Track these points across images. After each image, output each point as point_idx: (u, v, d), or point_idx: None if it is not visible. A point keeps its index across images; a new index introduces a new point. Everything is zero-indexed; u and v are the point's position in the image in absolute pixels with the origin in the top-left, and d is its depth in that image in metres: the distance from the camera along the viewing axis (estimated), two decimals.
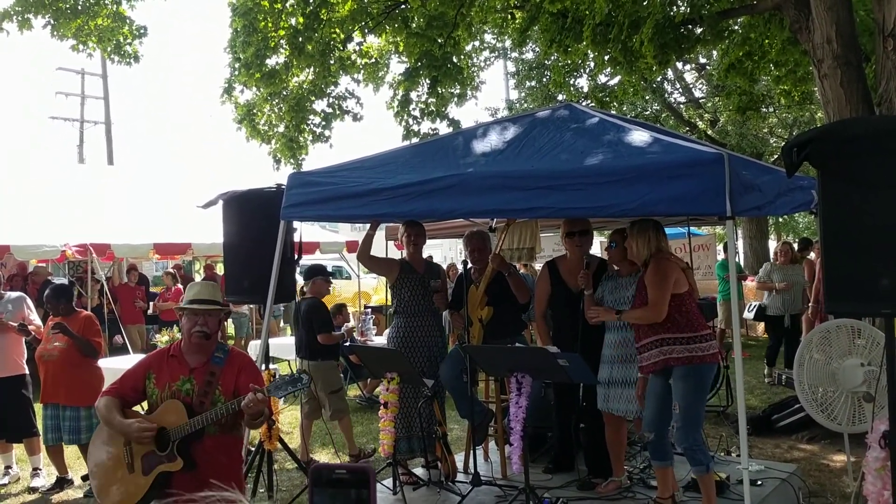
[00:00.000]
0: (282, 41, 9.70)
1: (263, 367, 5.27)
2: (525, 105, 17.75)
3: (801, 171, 3.75)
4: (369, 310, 11.47)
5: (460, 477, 5.35)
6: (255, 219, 5.26)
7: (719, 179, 3.60)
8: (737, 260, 17.33)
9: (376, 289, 19.54)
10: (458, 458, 5.67)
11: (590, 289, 4.83)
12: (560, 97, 13.94)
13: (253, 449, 5.62)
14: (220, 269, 14.26)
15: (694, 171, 3.70)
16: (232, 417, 3.49)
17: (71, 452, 6.46)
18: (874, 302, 3.17)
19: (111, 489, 3.55)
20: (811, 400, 5.14)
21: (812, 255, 10.86)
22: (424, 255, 6.05)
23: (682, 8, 9.21)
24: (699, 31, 8.96)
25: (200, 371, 3.56)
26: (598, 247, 13.92)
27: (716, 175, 3.62)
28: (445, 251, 30.20)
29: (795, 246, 11.00)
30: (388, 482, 5.19)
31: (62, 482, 6.17)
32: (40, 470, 6.32)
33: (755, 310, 10.16)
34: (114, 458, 3.56)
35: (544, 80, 16.09)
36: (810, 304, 9.64)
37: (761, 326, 13.49)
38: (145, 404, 3.76)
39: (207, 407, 3.46)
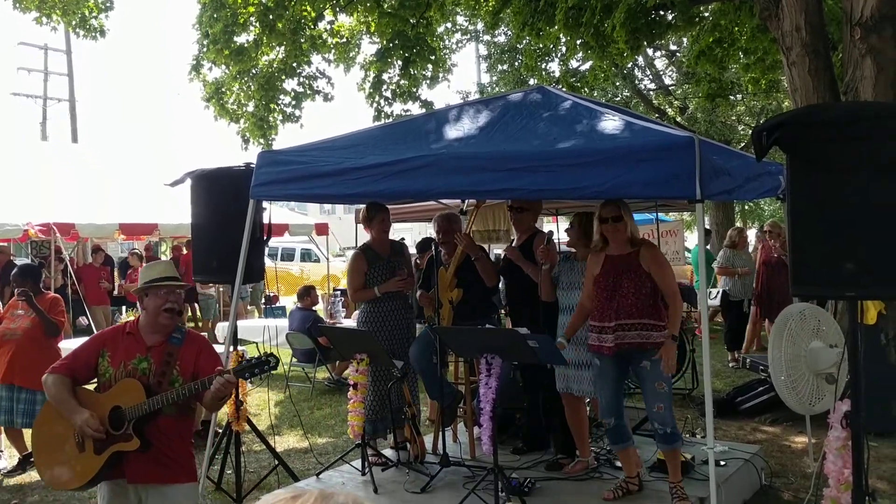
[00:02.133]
0: (252, 18, 9.55)
1: (232, 348, 5.21)
2: (497, 89, 17.68)
3: (770, 157, 3.79)
4: (339, 292, 11.42)
5: (429, 458, 5.36)
6: (223, 198, 5.17)
7: (690, 163, 3.63)
8: (707, 246, 17.55)
9: (345, 272, 19.47)
10: (428, 440, 5.69)
11: (547, 263, 4.88)
12: (532, 81, 13.93)
13: (220, 430, 5.58)
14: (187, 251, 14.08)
15: (665, 155, 3.72)
16: (191, 399, 3.43)
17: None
18: (839, 286, 3.21)
19: (59, 468, 3.44)
20: (788, 385, 5.21)
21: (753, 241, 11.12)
22: (398, 238, 6.04)
23: None
24: (671, 16, 9.00)
25: (158, 350, 3.48)
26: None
27: (686, 158, 3.64)
28: (416, 235, 30.17)
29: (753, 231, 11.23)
30: (357, 463, 5.19)
31: (24, 463, 6.08)
32: (2, 452, 6.21)
33: (719, 295, 10.28)
34: (62, 437, 3.44)
35: (516, 63, 16.05)
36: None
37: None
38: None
39: (165, 387, 3.38)
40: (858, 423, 3.29)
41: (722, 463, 5.05)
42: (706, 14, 10.68)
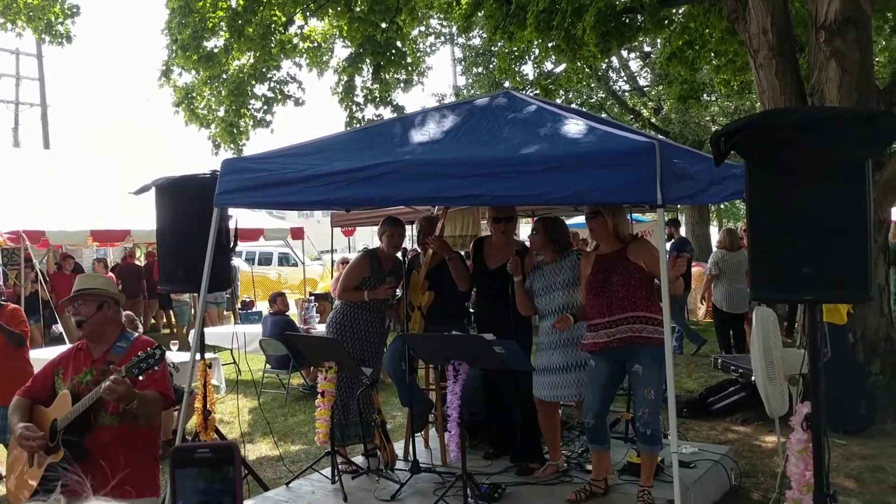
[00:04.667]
0: (221, 23, 9.47)
1: (199, 356, 5.16)
2: (472, 91, 17.73)
3: (737, 160, 3.81)
4: (312, 297, 11.36)
5: (400, 465, 5.34)
6: (188, 205, 5.12)
7: (651, 168, 3.63)
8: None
9: (322, 276, 19.39)
10: (400, 446, 5.67)
11: (519, 275, 4.87)
12: (506, 84, 13.96)
13: (190, 440, 5.52)
14: None
15: (626, 160, 3.72)
16: (100, 407, 3.38)
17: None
18: (797, 289, 3.24)
19: (17, 483, 3.52)
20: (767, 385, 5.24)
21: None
22: (377, 242, 5.99)
23: None
24: (640, 19, 9.05)
25: (100, 361, 3.50)
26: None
27: (647, 164, 3.65)
28: None
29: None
30: (327, 471, 5.16)
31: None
32: None
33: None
34: (20, 456, 3.52)
35: (491, 66, 16.09)
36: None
37: (702, 311, 13.74)
38: None
39: None
40: (819, 424, 3.32)
41: (692, 465, 5.08)
42: (677, 16, 10.75)
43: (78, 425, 3.34)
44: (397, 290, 5.63)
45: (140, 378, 3.24)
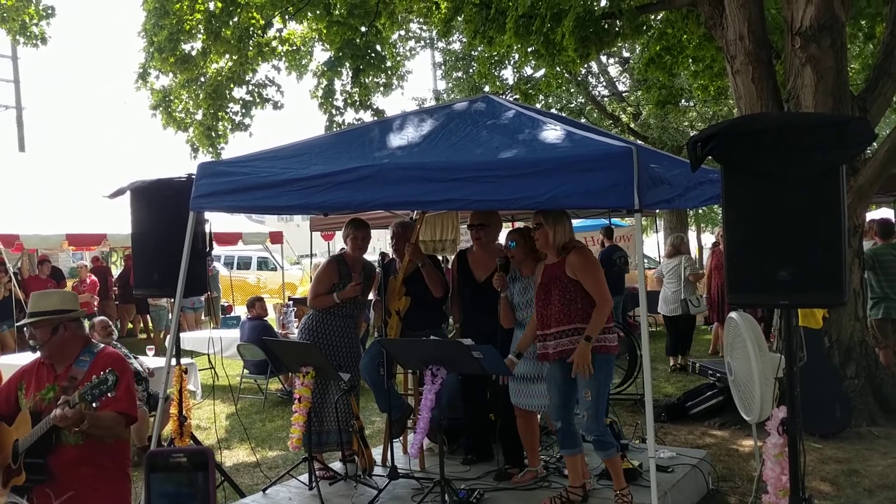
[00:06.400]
0: (199, 25, 9.40)
1: (174, 362, 5.11)
2: (452, 95, 17.73)
3: (714, 165, 3.83)
4: (291, 302, 11.29)
5: (378, 470, 5.31)
6: (164, 209, 5.07)
7: (628, 173, 3.64)
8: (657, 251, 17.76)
9: (302, 280, 19.29)
10: (378, 452, 5.64)
11: (504, 291, 4.88)
12: (486, 88, 13.97)
13: (165, 445, 5.46)
14: None
15: (603, 165, 3.73)
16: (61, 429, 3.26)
17: None
18: (773, 294, 3.25)
19: None
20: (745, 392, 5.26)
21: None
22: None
23: (603, 2, 9.35)
24: (619, 25, 9.09)
25: (63, 377, 3.39)
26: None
27: (624, 169, 3.66)
28: (374, 241, 30.05)
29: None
30: (305, 477, 5.12)
31: None
32: None
33: (680, 306, 10.22)
34: None
35: (471, 71, 16.10)
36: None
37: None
38: None
39: None
40: (795, 428, 3.33)
41: (669, 469, 5.09)
42: (655, 22, 10.82)
43: (40, 446, 3.24)
44: (371, 294, 5.59)
45: (94, 404, 3.09)
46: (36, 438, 3.23)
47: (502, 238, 5.43)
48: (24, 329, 3.49)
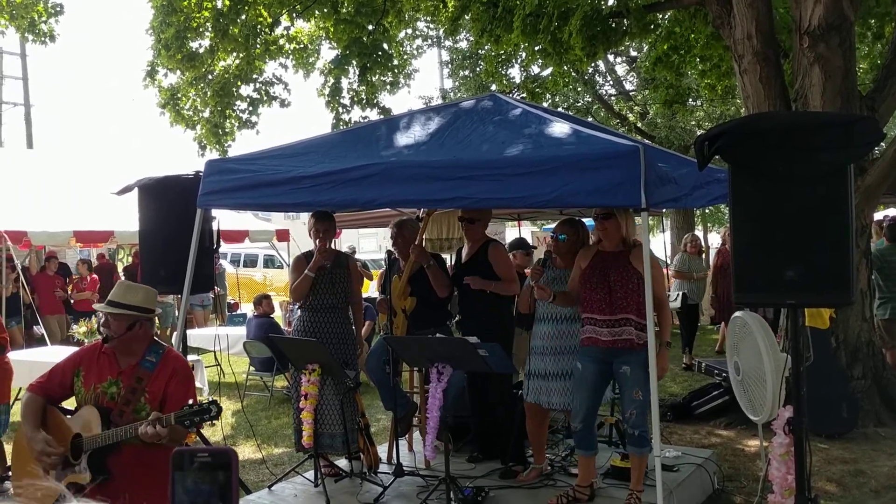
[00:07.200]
0: (207, 23, 9.42)
1: None
2: (459, 94, 17.73)
3: (722, 164, 3.82)
4: None
5: (384, 468, 5.32)
6: (172, 206, 5.10)
7: (634, 172, 3.64)
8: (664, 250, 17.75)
9: None
10: (383, 449, 5.65)
11: (536, 282, 4.83)
12: (493, 87, 13.97)
13: None
14: None
15: (610, 164, 3.73)
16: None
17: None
18: (780, 293, 3.26)
19: (28, 490, 3.36)
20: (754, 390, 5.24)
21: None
22: (363, 243, 5.96)
23: (611, 1, 9.33)
24: (626, 24, 9.08)
25: (128, 374, 3.31)
26: (529, 237, 14.03)
27: (631, 167, 3.66)
28: (380, 240, 30.07)
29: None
30: (310, 474, 5.13)
31: (3, 478, 5.90)
32: None
33: (679, 298, 10.37)
34: (32, 470, 3.27)
35: (478, 69, 16.09)
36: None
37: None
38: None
39: (128, 416, 3.21)
40: (801, 428, 3.33)
41: (675, 469, 5.09)
42: (662, 21, 10.79)
43: (105, 445, 3.18)
44: (375, 293, 5.59)
45: (189, 430, 3.04)
46: (109, 443, 3.16)
47: (527, 234, 5.45)
48: (99, 313, 3.41)
